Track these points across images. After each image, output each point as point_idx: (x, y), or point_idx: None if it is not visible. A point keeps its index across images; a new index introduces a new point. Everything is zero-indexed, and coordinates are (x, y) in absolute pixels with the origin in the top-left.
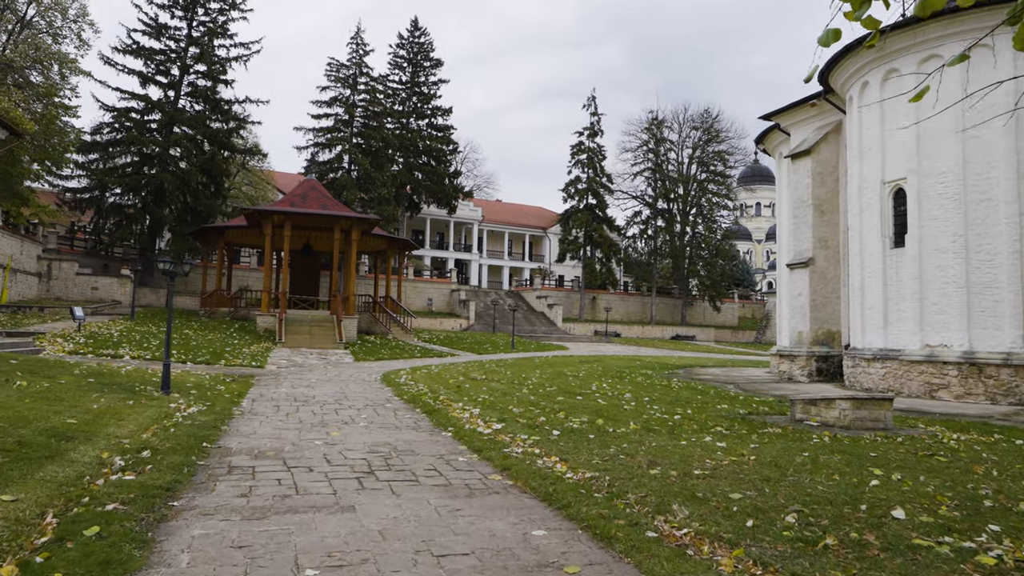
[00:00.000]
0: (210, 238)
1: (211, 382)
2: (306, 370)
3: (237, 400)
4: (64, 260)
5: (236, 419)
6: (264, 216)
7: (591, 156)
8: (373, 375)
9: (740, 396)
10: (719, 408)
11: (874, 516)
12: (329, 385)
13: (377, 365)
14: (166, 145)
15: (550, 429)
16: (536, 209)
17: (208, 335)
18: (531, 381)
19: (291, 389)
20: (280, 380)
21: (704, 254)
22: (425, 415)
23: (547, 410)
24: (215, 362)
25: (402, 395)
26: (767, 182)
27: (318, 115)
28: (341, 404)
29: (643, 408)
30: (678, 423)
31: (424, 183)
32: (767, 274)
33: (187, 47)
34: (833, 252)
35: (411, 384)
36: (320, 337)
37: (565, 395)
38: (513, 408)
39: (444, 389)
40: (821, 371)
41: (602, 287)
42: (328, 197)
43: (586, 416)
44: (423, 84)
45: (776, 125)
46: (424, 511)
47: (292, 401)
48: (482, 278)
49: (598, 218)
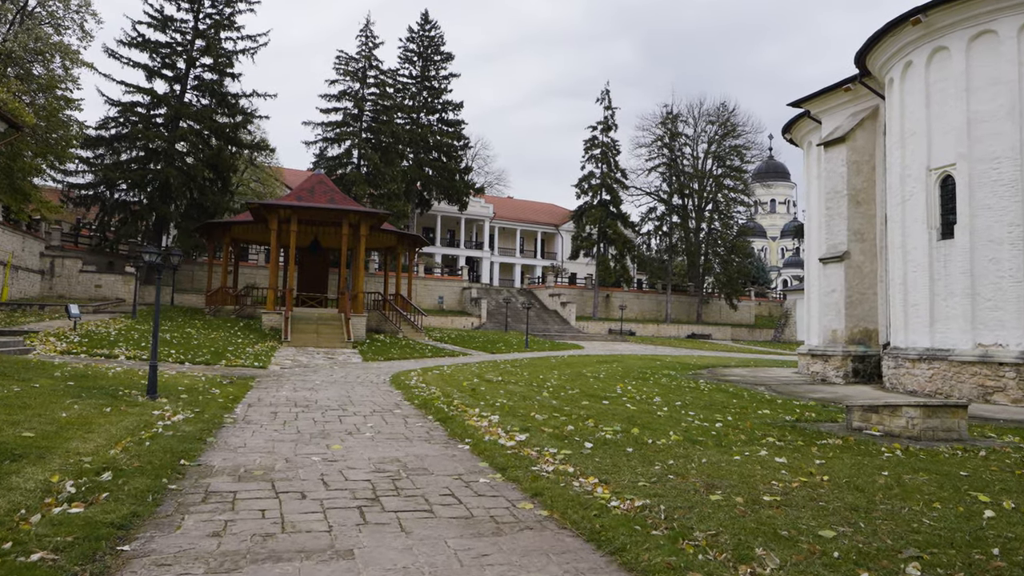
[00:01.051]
0: (215, 234)
1: (206, 385)
2: (311, 371)
3: (231, 406)
4: (68, 257)
5: (226, 429)
6: (269, 210)
7: (605, 151)
8: (382, 376)
9: (777, 400)
10: (761, 414)
11: (1015, 564)
12: (334, 388)
13: (386, 365)
14: (172, 140)
15: (581, 441)
16: (548, 206)
17: (211, 334)
18: (551, 383)
19: (292, 392)
20: (282, 382)
21: (720, 251)
22: (439, 423)
23: (574, 417)
24: (215, 362)
25: (413, 399)
26: (782, 178)
27: (327, 109)
28: (345, 410)
29: (678, 414)
30: (722, 432)
31: (435, 179)
32: (782, 272)
33: (193, 39)
34: (869, 245)
35: (422, 387)
36: (327, 336)
37: (590, 399)
38: (536, 415)
39: (458, 392)
40: (857, 372)
41: (616, 285)
42: (336, 191)
43: (618, 424)
44: (433, 78)
45: (805, 113)
46: (441, 557)
47: (292, 407)
48: (493, 276)
49: (612, 214)
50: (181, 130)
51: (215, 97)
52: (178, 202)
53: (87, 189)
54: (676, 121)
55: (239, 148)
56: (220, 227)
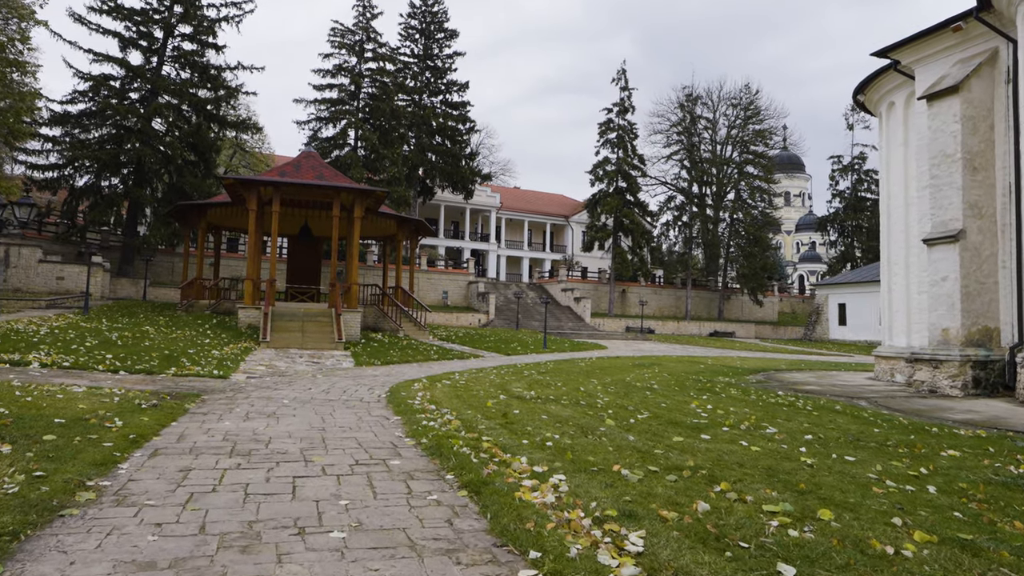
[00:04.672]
0: (190, 218)
1: (114, 409)
2: (285, 382)
3: (122, 453)
4: (24, 246)
5: (53, 527)
6: (247, 187)
7: (621, 134)
8: (376, 390)
9: (930, 427)
10: (950, 458)
11: None
12: (306, 411)
13: (383, 372)
14: (148, 116)
15: (757, 552)
16: (557, 197)
17: (174, 332)
18: (600, 400)
19: (240, 422)
20: (236, 401)
21: (743, 243)
22: (467, 495)
23: (685, 474)
24: (162, 370)
25: (419, 434)
26: (797, 170)
27: (321, 85)
28: (311, 461)
29: (838, 464)
30: (974, 514)
31: (438, 165)
32: (798, 267)
33: (172, 5)
34: (989, 222)
35: (431, 409)
36: (314, 335)
37: (674, 429)
38: (622, 470)
39: (484, 419)
40: (978, 381)
41: (633, 279)
42: (326, 167)
43: (775, 491)
44: (436, 57)
45: (891, 66)
46: None
47: (224, 455)
48: (500, 270)
49: (629, 202)
50: (156, 104)
51: (195, 70)
52: (154, 186)
53: (51, 171)
54: (696, 103)
55: (222, 127)
56: (194, 210)
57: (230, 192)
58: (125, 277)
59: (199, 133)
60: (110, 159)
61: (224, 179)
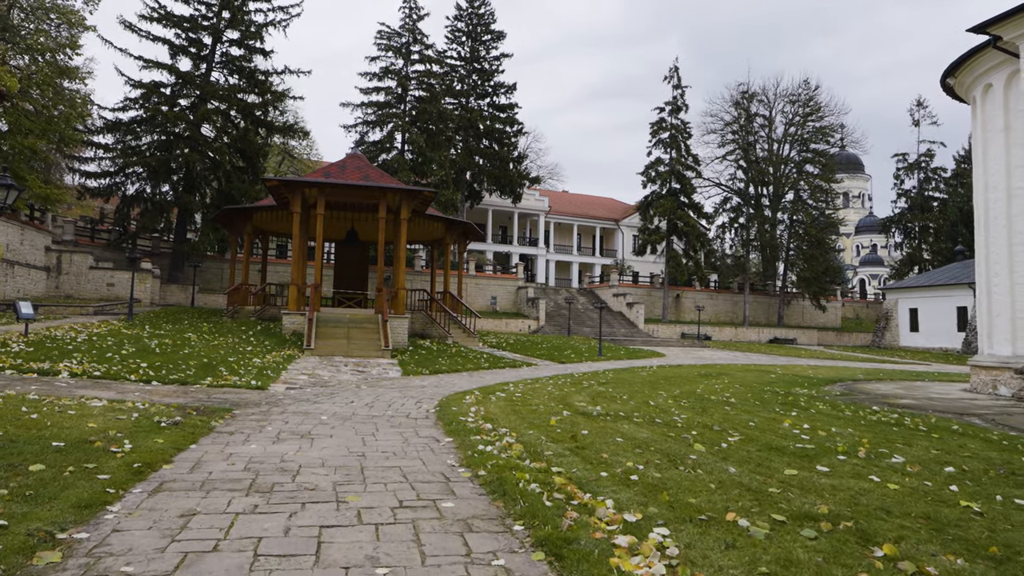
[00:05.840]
0: (236, 223)
1: (128, 429)
2: (327, 393)
3: (118, 489)
4: (76, 252)
5: None
6: (291, 188)
7: (674, 134)
8: (424, 403)
9: None
10: None
11: None
12: (345, 431)
13: (432, 382)
14: (197, 122)
15: None
16: (607, 200)
17: (216, 339)
18: (677, 417)
19: (268, 445)
20: (268, 418)
21: (804, 246)
22: (544, 558)
23: (824, 529)
24: (197, 380)
25: (476, 463)
26: (855, 170)
27: (367, 89)
28: (342, 503)
29: (1020, 513)
30: None
31: (486, 168)
32: (858, 270)
33: (220, 11)
34: None
35: (487, 428)
36: (360, 342)
37: (776, 456)
38: (737, 517)
39: (549, 441)
40: None
41: (687, 283)
42: (372, 168)
43: (977, 564)
44: (483, 59)
45: (990, 43)
46: None
47: (241, 492)
48: (549, 275)
49: (683, 204)
50: (204, 110)
51: (243, 75)
52: (203, 191)
53: (103, 178)
54: (752, 100)
55: (269, 131)
56: (240, 214)
57: (274, 194)
58: (175, 283)
59: (247, 138)
60: (160, 165)
61: (268, 180)
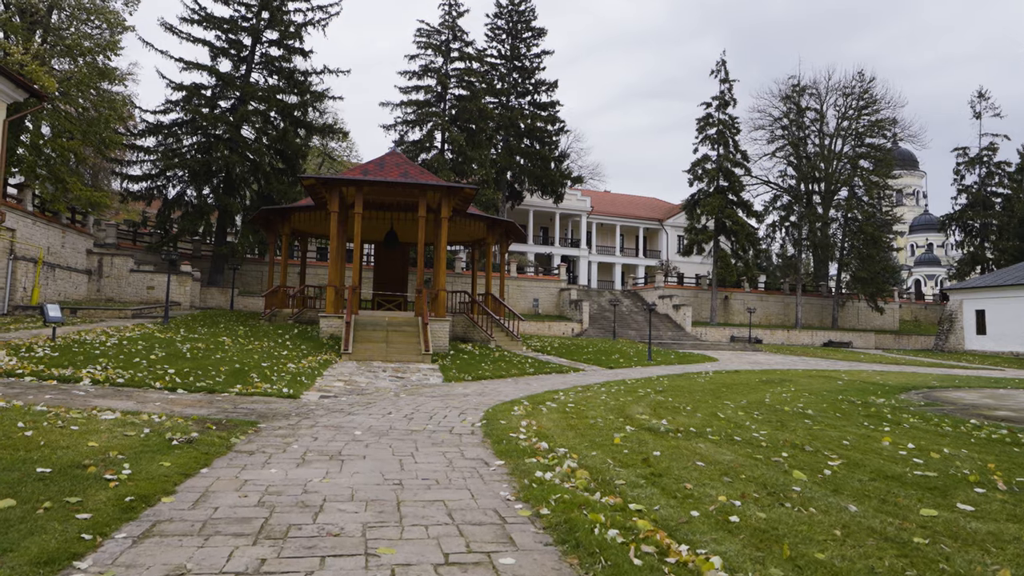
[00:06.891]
0: (273, 224)
1: (134, 449)
2: (363, 403)
3: (95, 535)
4: (117, 255)
5: None
6: (328, 187)
7: (722, 130)
8: (469, 415)
9: None
10: None
11: None
12: (380, 450)
13: (475, 390)
14: (236, 124)
15: None
16: (650, 200)
17: (251, 343)
18: (756, 433)
19: (291, 469)
20: (295, 433)
21: (859, 244)
22: None
23: None
24: (226, 388)
25: (536, 496)
26: (909, 167)
27: (407, 88)
28: (371, 556)
29: None
30: None
31: (527, 168)
32: (913, 271)
33: (259, 11)
34: None
35: (542, 448)
36: (399, 346)
37: (899, 487)
38: None
39: (617, 465)
40: None
41: (736, 284)
42: (411, 165)
43: None
44: (524, 57)
45: None
46: None
47: (248, 538)
48: (592, 276)
49: (731, 202)
50: (244, 111)
51: (282, 76)
52: (243, 193)
53: (144, 181)
54: (804, 94)
55: (308, 132)
56: (277, 215)
57: (311, 194)
58: (215, 286)
59: (286, 139)
60: (201, 167)
61: (304, 179)
